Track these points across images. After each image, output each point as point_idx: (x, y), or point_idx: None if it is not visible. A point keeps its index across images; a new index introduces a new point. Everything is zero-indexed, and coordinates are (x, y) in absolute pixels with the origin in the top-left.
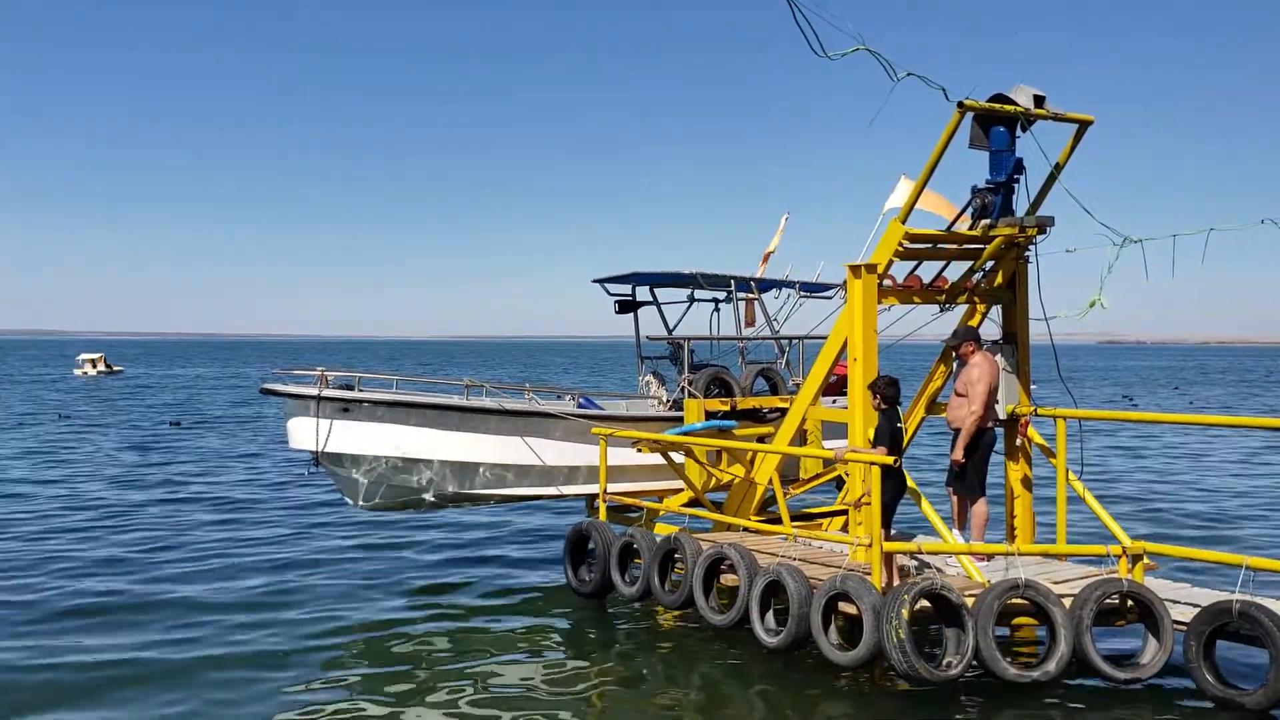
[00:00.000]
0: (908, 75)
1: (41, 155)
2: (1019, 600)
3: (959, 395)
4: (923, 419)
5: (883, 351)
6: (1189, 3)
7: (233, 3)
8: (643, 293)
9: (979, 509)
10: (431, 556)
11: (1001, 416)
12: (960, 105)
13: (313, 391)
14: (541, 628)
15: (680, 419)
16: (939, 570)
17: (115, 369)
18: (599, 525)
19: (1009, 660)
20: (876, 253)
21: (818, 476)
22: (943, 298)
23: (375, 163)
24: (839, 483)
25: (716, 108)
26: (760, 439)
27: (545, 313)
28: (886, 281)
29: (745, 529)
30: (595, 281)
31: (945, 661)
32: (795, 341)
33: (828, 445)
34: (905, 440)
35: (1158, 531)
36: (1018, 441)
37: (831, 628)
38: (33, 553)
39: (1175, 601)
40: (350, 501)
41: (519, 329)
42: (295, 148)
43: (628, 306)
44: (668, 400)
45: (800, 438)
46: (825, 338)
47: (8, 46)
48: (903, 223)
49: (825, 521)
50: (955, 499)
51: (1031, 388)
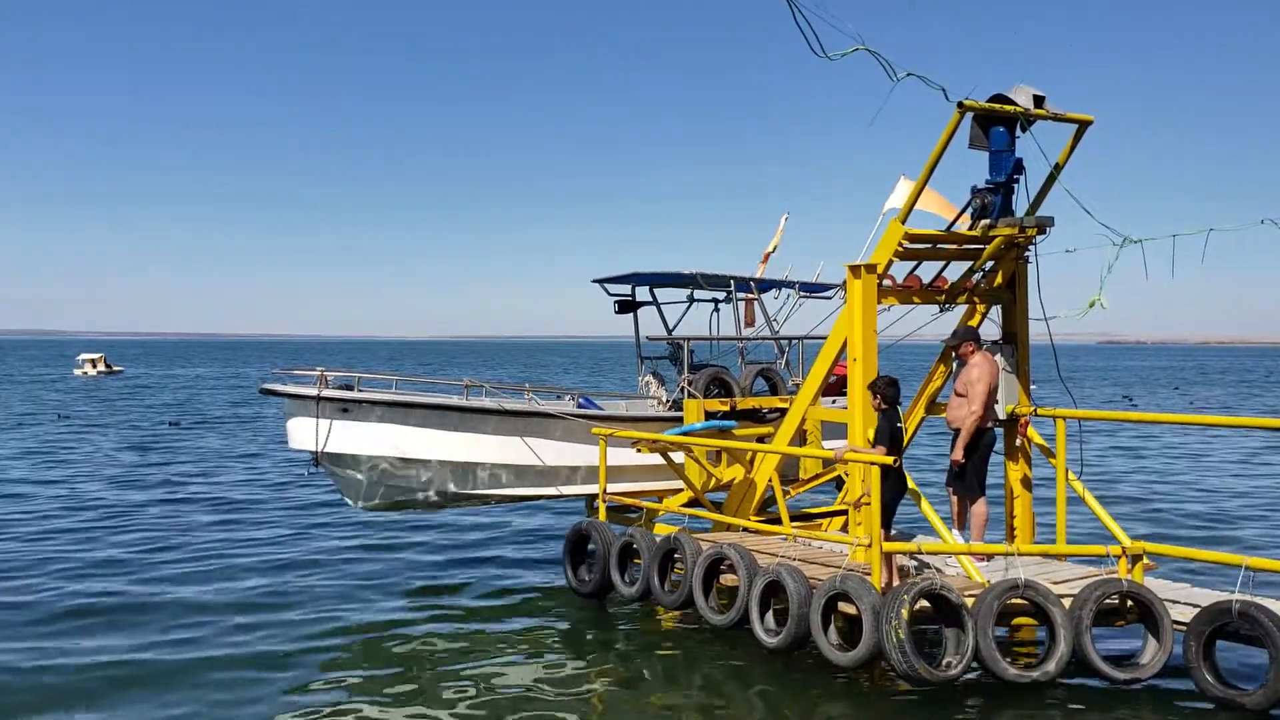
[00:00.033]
0: (908, 75)
1: (41, 155)
2: (1019, 600)
3: (959, 395)
4: (922, 419)
5: (882, 351)
6: (1189, 3)
7: (233, 3)
8: (642, 293)
9: (979, 509)
10: (431, 557)
11: (1001, 416)
12: (960, 105)
13: (312, 392)
14: (541, 628)
15: (680, 419)
16: (939, 570)
17: (115, 369)
18: (599, 525)
19: (1009, 660)
20: (876, 253)
21: (817, 477)
22: (942, 298)
23: (375, 163)
24: (839, 483)
25: (716, 108)
26: (760, 439)
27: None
28: (886, 281)
29: (745, 529)
30: (595, 282)
31: (945, 662)
32: (795, 342)
33: (827, 445)
34: (905, 440)
35: (1158, 532)
36: (1017, 442)
37: (831, 628)
38: (32, 553)
39: (1175, 602)
40: (350, 502)
41: (519, 329)
42: (295, 148)
43: (627, 307)
44: (667, 400)
45: (800, 438)
46: (825, 338)
47: (8, 46)
48: (903, 223)
49: (825, 522)
50: (955, 499)
51: (1031, 388)
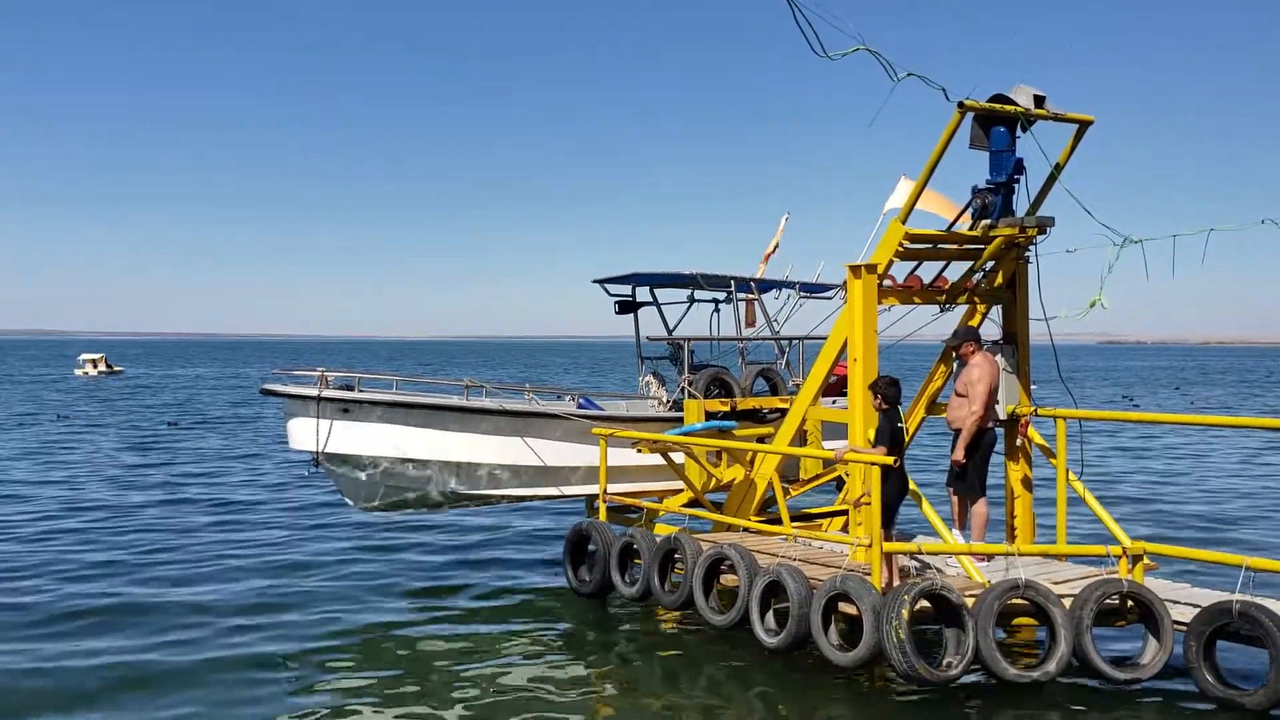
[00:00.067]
0: (908, 75)
1: (41, 155)
2: (1019, 600)
3: (959, 395)
4: (923, 419)
5: (883, 352)
6: (1189, 3)
7: (233, 3)
8: (643, 293)
9: (979, 509)
10: (431, 558)
11: (1002, 417)
12: (960, 105)
13: (313, 392)
14: (542, 628)
15: (680, 419)
16: (939, 570)
17: (116, 369)
18: (599, 526)
19: (1009, 660)
20: (877, 253)
21: (818, 477)
22: (943, 298)
23: (375, 163)
24: (839, 483)
25: (716, 108)
26: (760, 439)
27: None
28: (887, 282)
29: (745, 529)
30: (595, 282)
31: (945, 662)
32: (795, 342)
33: (827, 445)
34: (906, 440)
35: (1158, 532)
36: (1018, 442)
37: (832, 628)
38: (32, 555)
39: (1175, 602)
40: (350, 502)
41: (519, 329)
42: (295, 148)
43: (628, 307)
44: (668, 401)
45: (800, 438)
46: (825, 338)
47: (8, 46)
48: (903, 223)
49: (825, 522)
50: (955, 499)
51: (1032, 388)
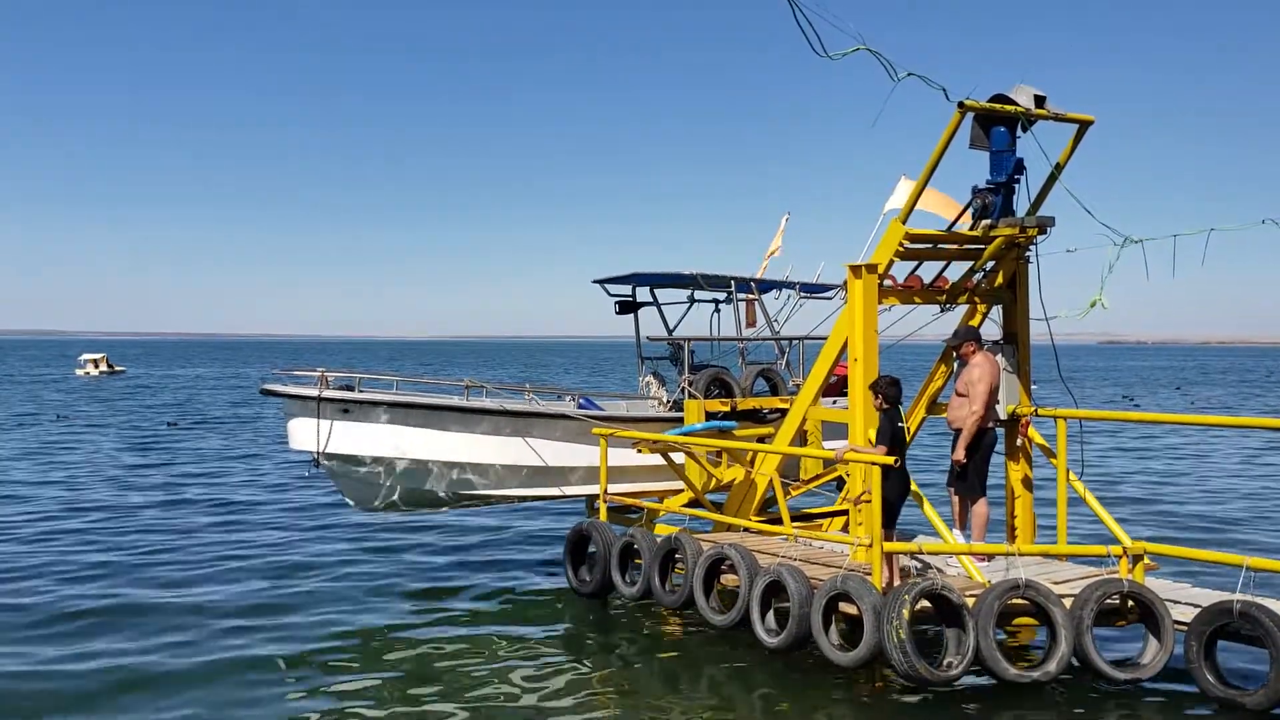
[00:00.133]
0: (908, 75)
1: (41, 155)
2: (1019, 600)
3: (960, 395)
4: (923, 419)
5: (883, 351)
6: (1189, 3)
7: (233, 3)
8: (643, 293)
9: (979, 509)
10: (431, 559)
11: (1002, 417)
12: (961, 105)
13: (313, 392)
14: (542, 629)
15: (680, 420)
16: (940, 570)
17: (117, 369)
18: (599, 526)
19: (1009, 660)
20: (877, 253)
21: (818, 477)
22: (943, 298)
23: (375, 163)
24: (839, 483)
25: (716, 108)
26: (761, 439)
27: (545, 313)
28: (887, 282)
29: (746, 529)
30: (595, 282)
31: (946, 662)
32: (795, 342)
33: (828, 445)
34: (908, 440)
35: (1159, 532)
36: (1018, 442)
37: (832, 628)
38: (31, 555)
39: (1176, 602)
40: (350, 503)
41: (519, 329)
42: (295, 148)
43: (628, 307)
44: (668, 401)
45: (800, 438)
46: (825, 338)
47: (8, 46)
48: (903, 223)
49: (825, 522)
50: (956, 499)
51: (1032, 388)
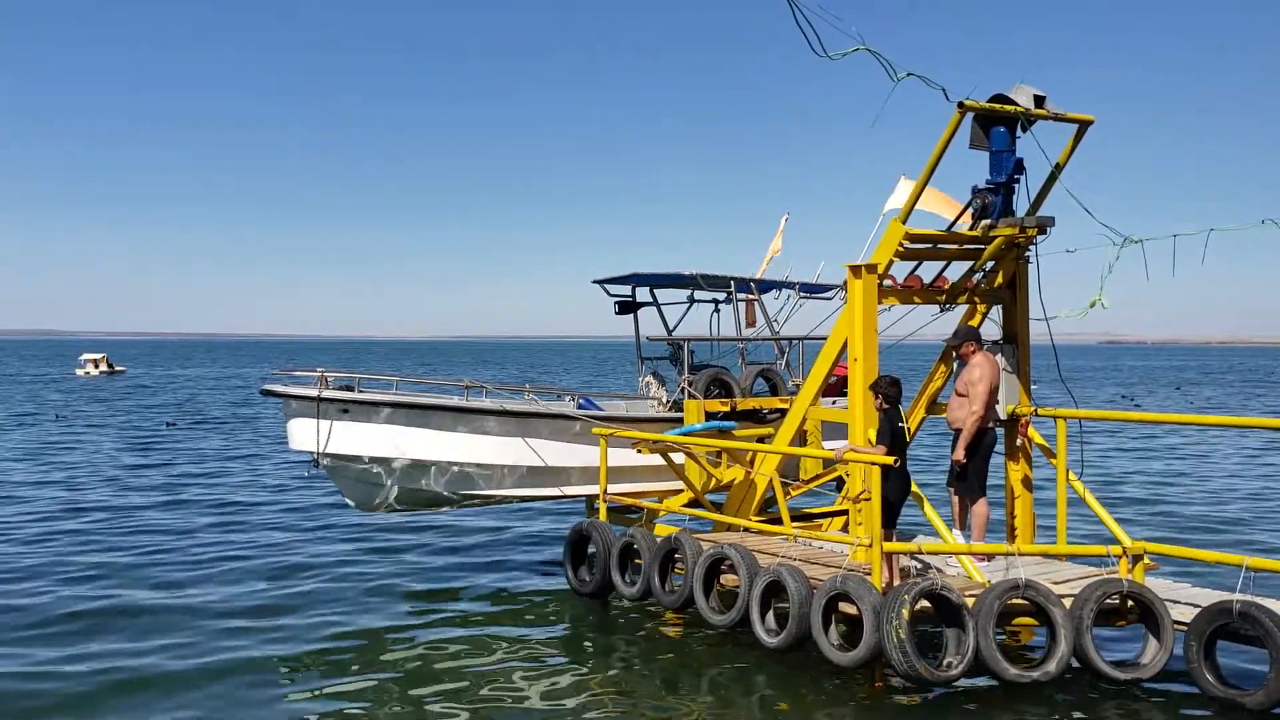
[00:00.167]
0: (908, 75)
1: (41, 155)
2: (1019, 600)
3: (960, 395)
4: (923, 419)
5: (883, 351)
6: (1189, 3)
7: (233, 3)
8: (643, 293)
9: (979, 509)
10: (432, 559)
11: (1002, 417)
12: (960, 105)
13: (312, 393)
14: (542, 629)
15: (680, 420)
16: (939, 570)
17: (117, 369)
18: (599, 526)
19: (1009, 660)
20: (877, 253)
21: (818, 477)
22: (943, 298)
23: (375, 163)
24: (839, 483)
25: (716, 108)
26: (760, 440)
27: (545, 313)
28: (887, 282)
29: (746, 529)
30: (595, 282)
31: (945, 662)
32: (795, 342)
33: (827, 445)
34: (908, 439)
35: (1159, 532)
36: (1018, 442)
37: (832, 628)
38: (30, 556)
39: (1176, 602)
40: (350, 503)
41: (519, 329)
42: (295, 148)
43: (628, 307)
44: (668, 401)
45: (800, 438)
46: (825, 338)
47: (8, 46)
48: (903, 223)
49: (825, 522)
50: (956, 499)
51: (1032, 388)
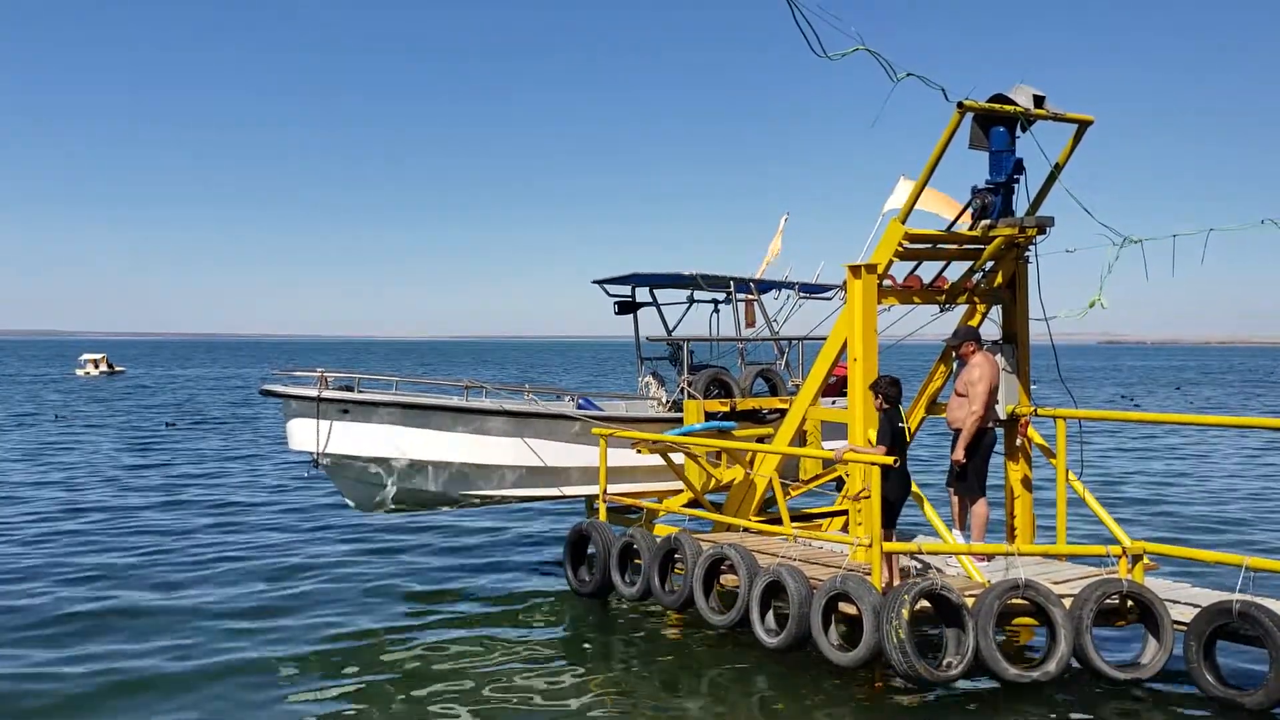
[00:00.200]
0: (908, 75)
1: (41, 155)
2: (1019, 600)
3: (959, 395)
4: (923, 419)
5: (883, 351)
6: (1189, 3)
7: (233, 3)
8: (642, 294)
9: (979, 509)
10: (431, 560)
11: (1002, 416)
12: (960, 105)
13: (312, 393)
14: (542, 629)
15: (680, 420)
16: (939, 571)
17: (117, 369)
18: (599, 526)
19: (1009, 660)
20: (876, 253)
21: (818, 477)
22: (943, 298)
23: (375, 163)
24: (839, 483)
25: (716, 108)
26: (760, 440)
27: (545, 313)
28: (886, 282)
29: (745, 529)
30: (595, 282)
31: (945, 662)
32: (795, 342)
33: (827, 446)
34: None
35: (1158, 533)
36: (1018, 442)
37: (832, 628)
38: (29, 557)
39: (1175, 602)
40: (350, 504)
41: (519, 329)
42: (295, 148)
43: (627, 307)
44: (667, 401)
45: (800, 438)
46: (825, 338)
47: (8, 46)
48: (903, 223)
49: (825, 522)
50: (955, 499)
51: (1032, 388)
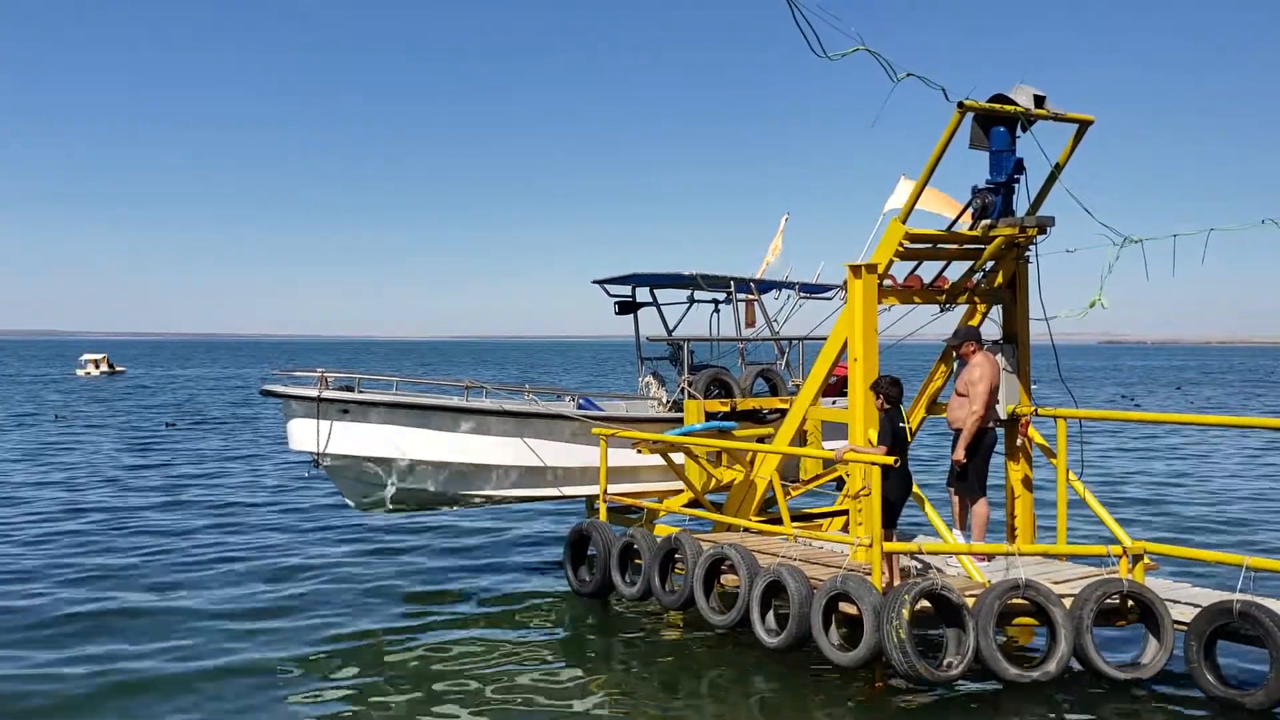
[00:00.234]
0: (908, 75)
1: (41, 155)
2: (1019, 600)
3: (960, 395)
4: (923, 419)
5: (883, 351)
6: (1189, 3)
7: (233, 3)
8: (642, 294)
9: (979, 509)
10: (431, 560)
11: (1002, 416)
12: (960, 105)
13: (312, 393)
14: (542, 630)
15: (680, 420)
16: (940, 570)
17: (118, 369)
18: (599, 526)
19: (1009, 660)
20: (877, 253)
21: (818, 477)
22: (943, 298)
23: (375, 163)
24: (839, 483)
25: (716, 108)
26: (760, 440)
27: (545, 313)
28: (887, 282)
29: (745, 529)
30: (595, 282)
31: (946, 662)
32: (795, 342)
33: (827, 446)
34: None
35: (1159, 533)
36: (1018, 442)
37: (832, 628)
38: (29, 558)
39: (1176, 601)
40: (350, 504)
41: (519, 329)
42: (295, 148)
43: (628, 307)
44: (668, 401)
45: (800, 438)
46: (825, 338)
47: (8, 46)
48: (903, 223)
49: (825, 522)
50: (956, 499)
51: (1032, 388)
